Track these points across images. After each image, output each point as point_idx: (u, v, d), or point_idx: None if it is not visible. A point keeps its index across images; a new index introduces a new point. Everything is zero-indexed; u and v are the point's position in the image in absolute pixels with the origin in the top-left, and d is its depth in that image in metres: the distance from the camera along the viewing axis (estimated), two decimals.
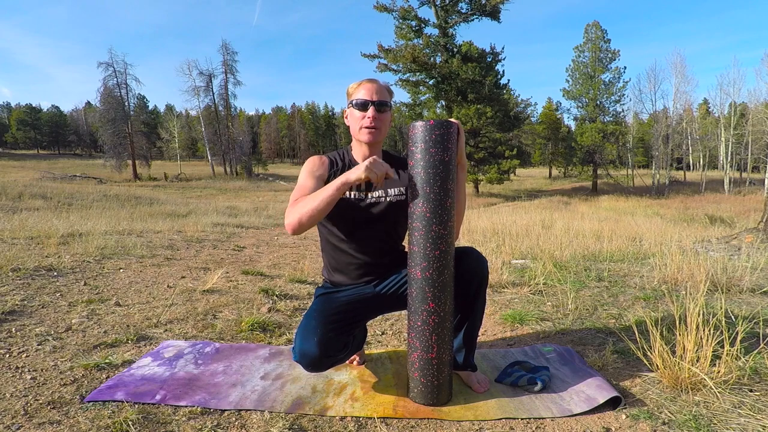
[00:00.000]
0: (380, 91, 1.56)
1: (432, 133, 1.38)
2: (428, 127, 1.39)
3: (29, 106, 79.78)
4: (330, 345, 1.43)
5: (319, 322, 1.46)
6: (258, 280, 3.36)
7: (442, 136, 1.38)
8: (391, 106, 1.62)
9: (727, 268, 3.22)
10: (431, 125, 1.38)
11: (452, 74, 25.43)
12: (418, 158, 1.40)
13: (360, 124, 1.55)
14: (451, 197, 1.41)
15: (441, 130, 1.38)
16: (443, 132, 1.38)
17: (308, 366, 1.43)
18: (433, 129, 1.38)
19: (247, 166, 42.06)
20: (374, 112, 1.54)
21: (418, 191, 1.40)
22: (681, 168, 41.42)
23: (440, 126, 1.38)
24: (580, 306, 2.67)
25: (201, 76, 42.09)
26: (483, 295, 1.62)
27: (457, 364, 1.66)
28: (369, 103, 1.54)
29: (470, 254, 1.59)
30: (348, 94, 1.61)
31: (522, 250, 4.63)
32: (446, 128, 1.39)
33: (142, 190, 22.72)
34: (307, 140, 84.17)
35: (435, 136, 1.38)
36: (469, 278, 1.56)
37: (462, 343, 1.64)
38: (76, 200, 12.34)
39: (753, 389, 1.55)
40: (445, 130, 1.39)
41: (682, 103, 33.74)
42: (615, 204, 21.48)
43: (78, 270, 3.28)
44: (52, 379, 1.60)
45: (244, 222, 8.74)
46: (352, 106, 1.57)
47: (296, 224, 1.38)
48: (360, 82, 1.58)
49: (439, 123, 1.38)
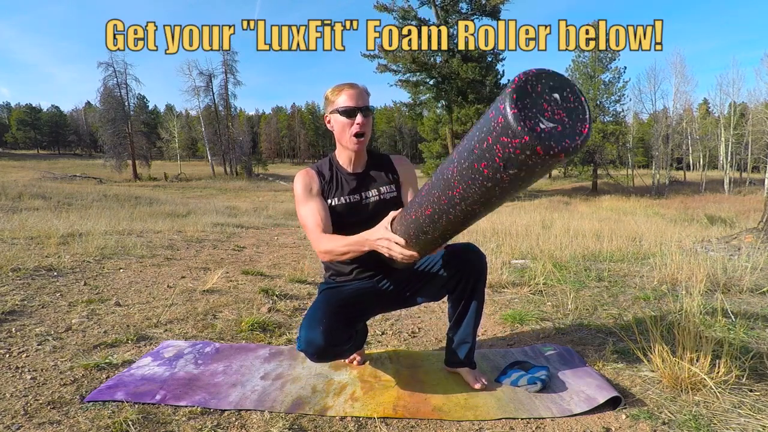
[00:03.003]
0: (362, 96, 1.55)
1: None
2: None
3: (29, 106, 79.74)
4: (335, 335, 1.44)
5: (324, 312, 1.47)
6: (258, 280, 3.36)
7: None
8: (373, 109, 1.63)
9: (726, 268, 3.22)
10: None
11: (452, 74, 25.43)
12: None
13: (348, 132, 1.55)
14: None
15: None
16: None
17: (313, 355, 1.45)
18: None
19: (247, 166, 42.05)
20: (362, 119, 1.53)
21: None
22: (681, 168, 41.40)
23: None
24: (580, 306, 2.67)
25: (201, 76, 42.08)
26: (481, 289, 1.63)
27: (457, 360, 1.67)
28: (356, 110, 1.53)
29: (468, 249, 1.62)
30: (328, 100, 1.59)
31: (522, 250, 4.63)
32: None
33: (142, 190, 22.72)
34: (307, 140, 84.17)
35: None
36: (468, 270, 1.59)
37: (462, 338, 1.65)
38: (75, 200, 12.34)
39: (753, 389, 1.55)
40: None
41: (682, 103, 33.79)
42: (615, 204, 21.47)
43: (78, 270, 3.28)
44: (52, 379, 1.60)
45: (244, 222, 8.74)
46: (338, 113, 1.55)
47: (328, 258, 1.54)
48: (340, 88, 1.56)
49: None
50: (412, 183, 1.70)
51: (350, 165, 1.64)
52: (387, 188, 1.65)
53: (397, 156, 1.75)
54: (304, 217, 1.57)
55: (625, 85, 32.60)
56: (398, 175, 1.69)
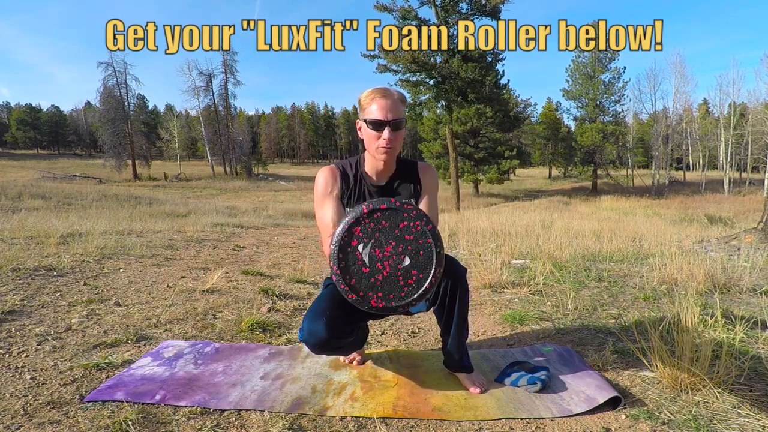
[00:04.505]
0: (395, 108, 1.48)
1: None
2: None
3: (29, 106, 79.66)
4: (337, 327, 1.45)
5: (328, 305, 1.48)
6: (258, 280, 3.36)
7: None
8: (405, 117, 1.56)
9: (726, 268, 3.22)
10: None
11: (452, 74, 25.42)
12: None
13: (375, 144, 1.51)
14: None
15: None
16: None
17: (314, 345, 1.46)
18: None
19: (246, 166, 42.05)
20: (390, 134, 1.48)
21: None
22: (681, 168, 41.41)
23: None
24: (579, 306, 2.67)
25: (201, 76, 42.07)
26: (462, 296, 1.58)
27: (453, 365, 1.67)
28: (384, 124, 1.47)
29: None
30: (360, 105, 1.54)
31: (522, 250, 4.63)
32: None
33: (141, 190, 22.72)
34: (306, 140, 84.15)
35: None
36: (446, 280, 1.56)
37: (452, 346, 1.64)
38: (75, 200, 12.34)
39: (753, 389, 1.55)
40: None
41: (682, 104, 33.81)
42: (615, 204, 21.48)
43: (78, 270, 3.27)
44: (52, 379, 1.60)
45: (244, 222, 8.74)
46: (367, 123, 1.50)
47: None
48: (373, 95, 1.50)
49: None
50: (430, 193, 1.65)
51: (376, 175, 1.61)
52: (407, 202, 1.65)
53: (424, 164, 1.70)
54: (319, 218, 1.58)
55: (625, 85, 32.70)
56: (421, 186, 1.65)
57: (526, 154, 48.64)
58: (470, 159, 29.18)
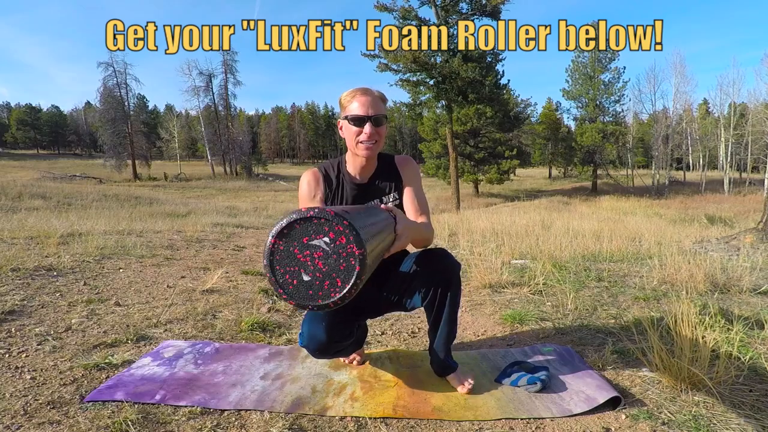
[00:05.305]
0: (375, 104, 1.50)
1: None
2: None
3: (29, 106, 79.69)
4: (336, 331, 1.47)
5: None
6: (258, 280, 3.36)
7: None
8: (387, 114, 1.58)
9: (726, 269, 3.22)
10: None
11: (452, 74, 25.42)
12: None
13: (356, 140, 1.52)
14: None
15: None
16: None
17: (315, 350, 1.47)
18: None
19: (246, 166, 42.07)
20: (371, 128, 1.50)
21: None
22: (681, 168, 41.40)
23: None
24: (579, 306, 2.67)
25: (201, 76, 42.09)
26: (455, 294, 1.57)
27: (437, 365, 1.66)
28: (365, 119, 1.49)
29: (437, 257, 1.58)
30: (341, 105, 1.56)
31: (522, 250, 4.63)
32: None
33: (141, 190, 22.71)
34: (306, 140, 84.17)
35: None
36: (437, 281, 1.55)
37: (439, 344, 1.62)
38: (75, 200, 12.34)
39: (753, 389, 1.55)
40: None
41: (682, 104, 33.79)
42: (615, 204, 21.47)
43: (78, 270, 3.27)
44: (52, 379, 1.60)
45: (244, 222, 8.74)
46: (348, 120, 1.52)
47: None
48: (353, 93, 1.52)
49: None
50: (413, 183, 1.67)
51: (358, 173, 1.62)
52: (391, 197, 1.64)
53: (402, 157, 1.71)
54: None
55: (625, 85, 32.68)
56: (402, 178, 1.66)
57: (526, 154, 48.57)
58: (470, 159, 29.18)
